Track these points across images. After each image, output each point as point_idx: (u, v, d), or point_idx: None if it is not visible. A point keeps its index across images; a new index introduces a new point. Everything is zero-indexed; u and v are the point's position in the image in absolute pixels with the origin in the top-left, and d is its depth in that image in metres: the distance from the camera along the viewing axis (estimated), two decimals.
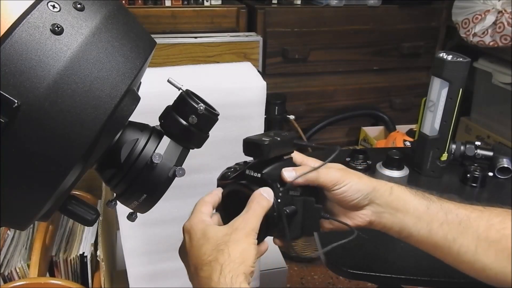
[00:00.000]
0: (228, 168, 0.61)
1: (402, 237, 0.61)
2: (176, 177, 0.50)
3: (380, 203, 0.60)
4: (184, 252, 0.55)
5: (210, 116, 0.51)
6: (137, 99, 0.46)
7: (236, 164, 0.61)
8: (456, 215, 0.59)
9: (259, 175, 0.57)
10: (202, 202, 0.58)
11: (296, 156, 0.62)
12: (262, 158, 0.57)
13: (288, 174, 0.58)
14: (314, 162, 0.61)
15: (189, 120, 0.50)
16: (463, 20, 1.84)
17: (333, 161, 0.59)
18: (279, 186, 0.57)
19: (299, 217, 0.58)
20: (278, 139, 0.57)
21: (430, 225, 0.59)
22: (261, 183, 0.56)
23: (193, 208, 0.58)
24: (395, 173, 1.03)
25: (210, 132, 0.53)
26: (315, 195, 0.60)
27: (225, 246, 0.50)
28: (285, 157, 0.61)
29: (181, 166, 0.51)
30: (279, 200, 0.56)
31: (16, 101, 0.36)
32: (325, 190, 0.59)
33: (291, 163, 0.61)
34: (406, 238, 0.61)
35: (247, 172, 0.58)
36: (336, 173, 0.58)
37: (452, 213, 0.59)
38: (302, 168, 0.59)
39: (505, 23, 1.70)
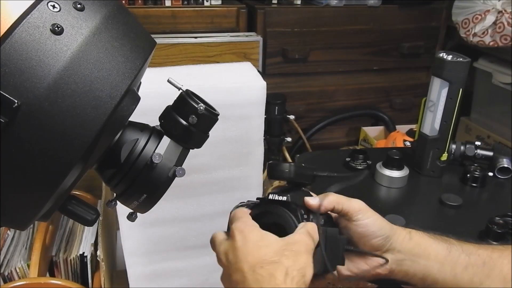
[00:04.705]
0: (241, 202, 0.60)
1: (426, 285, 0.58)
2: (176, 177, 0.50)
3: (401, 249, 0.57)
4: (230, 250, 0.52)
5: (210, 116, 0.51)
6: (137, 99, 0.46)
7: (248, 201, 0.61)
8: (479, 256, 0.57)
9: (284, 198, 0.56)
10: (242, 212, 0.56)
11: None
12: (288, 176, 0.57)
13: (312, 200, 0.57)
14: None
15: (189, 120, 0.50)
16: (463, 20, 1.84)
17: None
18: (303, 212, 0.57)
19: (321, 249, 0.55)
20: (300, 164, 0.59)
21: (455, 269, 0.57)
22: (286, 205, 0.56)
23: (232, 216, 0.57)
24: (395, 173, 1.03)
25: (210, 132, 0.53)
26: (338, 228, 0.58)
27: (290, 253, 0.49)
28: (303, 188, 0.61)
29: (181, 166, 0.51)
30: None
31: (16, 101, 0.36)
32: (348, 220, 0.57)
33: (309, 194, 0.60)
34: (430, 286, 0.58)
35: (270, 197, 0.57)
36: (360, 203, 0.57)
37: (474, 254, 0.57)
38: (323, 196, 0.58)
39: (505, 23, 1.70)
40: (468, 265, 0.57)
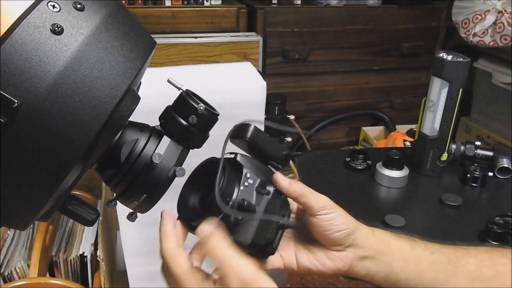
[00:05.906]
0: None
1: (389, 284, 0.56)
2: (176, 177, 0.50)
3: (363, 245, 0.56)
4: None
5: (210, 116, 0.51)
6: (137, 99, 0.46)
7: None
8: (442, 253, 0.56)
9: (233, 155, 0.52)
10: (174, 250, 0.53)
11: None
12: (244, 135, 0.54)
13: (283, 180, 0.53)
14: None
15: (189, 120, 0.50)
16: (463, 20, 1.84)
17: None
18: (248, 175, 0.51)
19: (255, 220, 0.50)
20: (268, 135, 0.54)
21: (419, 266, 0.55)
22: (233, 163, 0.52)
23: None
24: (395, 173, 1.03)
25: (210, 132, 0.53)
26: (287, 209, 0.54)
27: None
28: (269, 166, 0.55)
29: (181, 166, 0.51)
30: (241, 188, 0.50)
31: (16, 101, 0.36)
32: (310, 214, 0.54)
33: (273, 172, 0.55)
34: (393, 284, 0.56)
35: (227, 155, 0.53)
36: (326, 199, 0.55)
37: (438, 252, 0.56)
38: (292, 182, 0.54)
39: (505, 23, 1.70)
40: (432, 263, 0.55)
